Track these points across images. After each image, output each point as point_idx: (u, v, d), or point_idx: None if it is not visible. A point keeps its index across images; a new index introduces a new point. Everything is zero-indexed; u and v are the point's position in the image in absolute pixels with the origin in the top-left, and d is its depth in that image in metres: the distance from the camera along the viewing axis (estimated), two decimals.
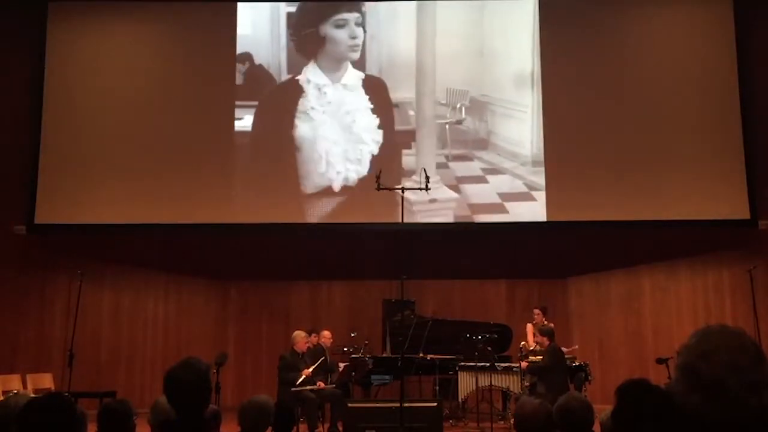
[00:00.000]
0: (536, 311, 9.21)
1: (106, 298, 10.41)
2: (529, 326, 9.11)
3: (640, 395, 2.23)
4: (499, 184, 10.17)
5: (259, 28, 10.64)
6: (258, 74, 10.54)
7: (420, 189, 6.73)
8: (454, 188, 10.17)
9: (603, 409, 2.91)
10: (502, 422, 8.55)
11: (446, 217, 10.18)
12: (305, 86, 10.48)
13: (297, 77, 10.53)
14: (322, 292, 11.22)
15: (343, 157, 10.27)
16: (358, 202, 10.10)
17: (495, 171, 10.20)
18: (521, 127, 10.28)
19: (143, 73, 10.58)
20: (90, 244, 10.30)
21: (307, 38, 10.59)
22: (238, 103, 10.46)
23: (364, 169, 10.20)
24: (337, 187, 10.24)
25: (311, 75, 10.50)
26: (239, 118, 10.41)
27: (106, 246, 10.40)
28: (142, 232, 10.30)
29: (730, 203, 9.85)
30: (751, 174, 9.86)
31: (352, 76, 10.47)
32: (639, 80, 10.25)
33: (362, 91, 10.42)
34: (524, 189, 10.11)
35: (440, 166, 10.23)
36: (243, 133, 10.43)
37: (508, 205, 10.13)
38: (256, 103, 10.55)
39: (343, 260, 10.80)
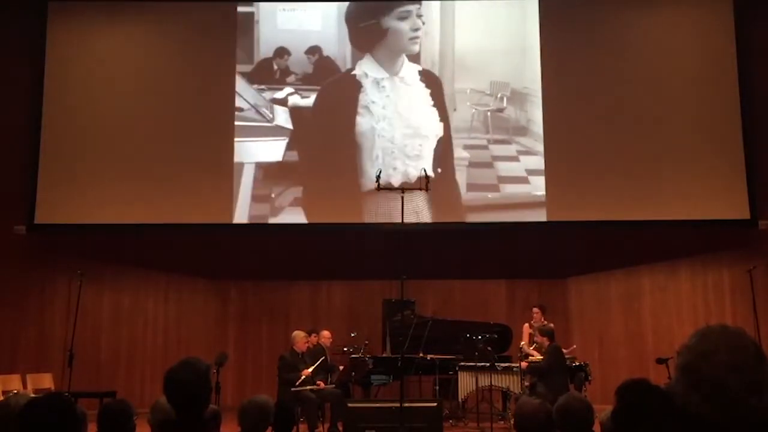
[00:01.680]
0: (535, 310, 9.18)
1: (106, 298, 10.40)
2: (526, 326, 9.08)
3: (640, 395, 2.23)
4: (529, 162, 10.43)
5: (328, 26, 10.83)
6: (326, 65, 10.71)
7: (420, 189, 6.73)
8: (488, 165, 10.43)
9: (603, 409, 2.91)
10: (502, 422, 8.55)
11: (461, 174, 10.33)
12: (362, 80, 10.55)
13: (353, 72, 10.58)
14: (322, 292, 11.20)
15: (402, 153, 10.33)
16: (415, 199, 10.06)
17: (529, 153, 10.46)
18: None
19: (143, 72, 10.59)
20: (90, 244, 10.30)
21: (364, 30, 10.68)
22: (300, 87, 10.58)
23: (425, 164, 10.03)
24: (396, 183, 10.16)
25: (367, 68, 10.57)
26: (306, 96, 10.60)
27: (106, 246, 10.40)
28: (142, 232, 10.30)
29: (730, 203, 9.85)
30: (751, 174, 9.87)
31: (410, 70, 10.57)
32: (638, 80, 10.26)
33: (421, 84, 10.53)
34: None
35: (481, 147, 10.49)
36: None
37: (531, 178, 10.35)
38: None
39: (343, 260, 10.78)
